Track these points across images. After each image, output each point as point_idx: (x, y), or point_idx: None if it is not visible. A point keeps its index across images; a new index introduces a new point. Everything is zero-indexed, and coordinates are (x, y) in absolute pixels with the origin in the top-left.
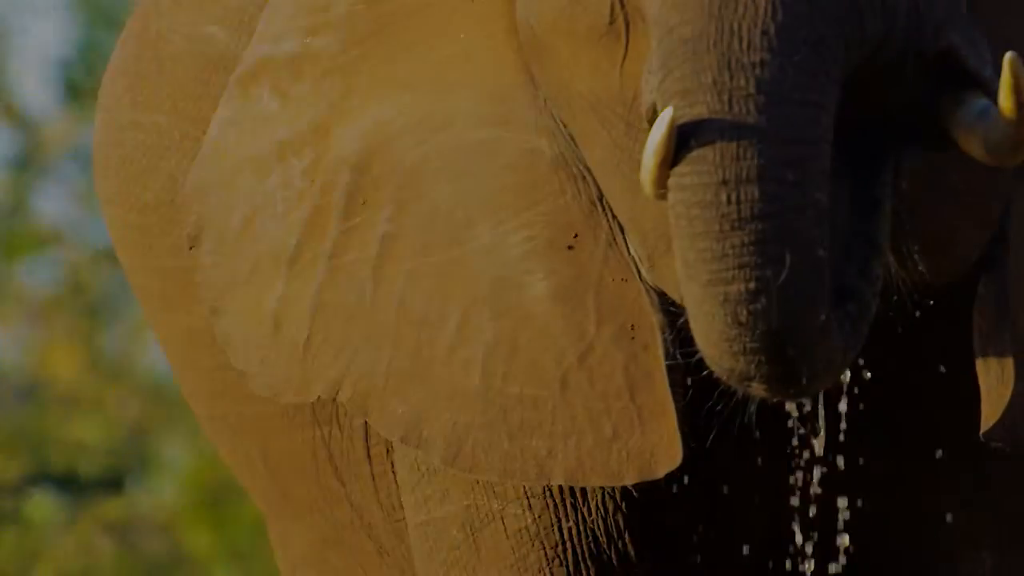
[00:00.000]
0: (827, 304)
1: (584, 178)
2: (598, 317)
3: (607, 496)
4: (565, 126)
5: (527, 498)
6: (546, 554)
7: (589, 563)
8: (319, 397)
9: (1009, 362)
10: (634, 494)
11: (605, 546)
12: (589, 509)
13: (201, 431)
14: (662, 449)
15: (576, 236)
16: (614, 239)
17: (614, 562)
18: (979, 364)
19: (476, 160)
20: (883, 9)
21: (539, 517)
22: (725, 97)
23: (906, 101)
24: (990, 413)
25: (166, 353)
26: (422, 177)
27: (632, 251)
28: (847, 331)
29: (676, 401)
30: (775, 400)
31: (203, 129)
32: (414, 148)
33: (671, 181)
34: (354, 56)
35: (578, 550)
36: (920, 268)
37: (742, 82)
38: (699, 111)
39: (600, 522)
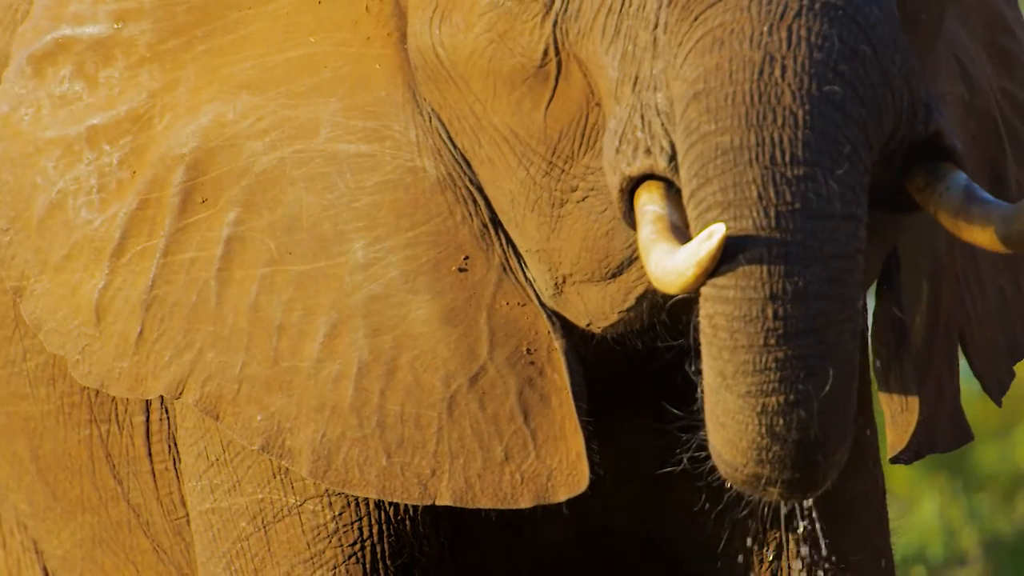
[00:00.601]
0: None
1: (475, 201)
2: (491, 340)
3: None
4: (459, 150)
5: (328, 496)
6: (343, 551)
7: (388, 562)
8: (98, 394)
9: (912, 389)
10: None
11: (409, 546)
12: (397, 509)
13: None
14: (562, 473)
15: (467, 259)
16: (507, 263)
17: (420, 562)
18: (882, 393)
19: (347, 174)
20: (893, 105)
21: (339, 515)
22: (771, 212)
23: (887, 178)
24: (897, 440)
25: None
26: (278, 184)
27: (529, 276)
28: None
29: (582, 425)
30: (784, 500)
31: None
32: (267, 153)
33: (709, 292)
34: (174, 46)
35: (378, 549)
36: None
37: (788, 197)
38: (744, 226)
39: (407, 522)
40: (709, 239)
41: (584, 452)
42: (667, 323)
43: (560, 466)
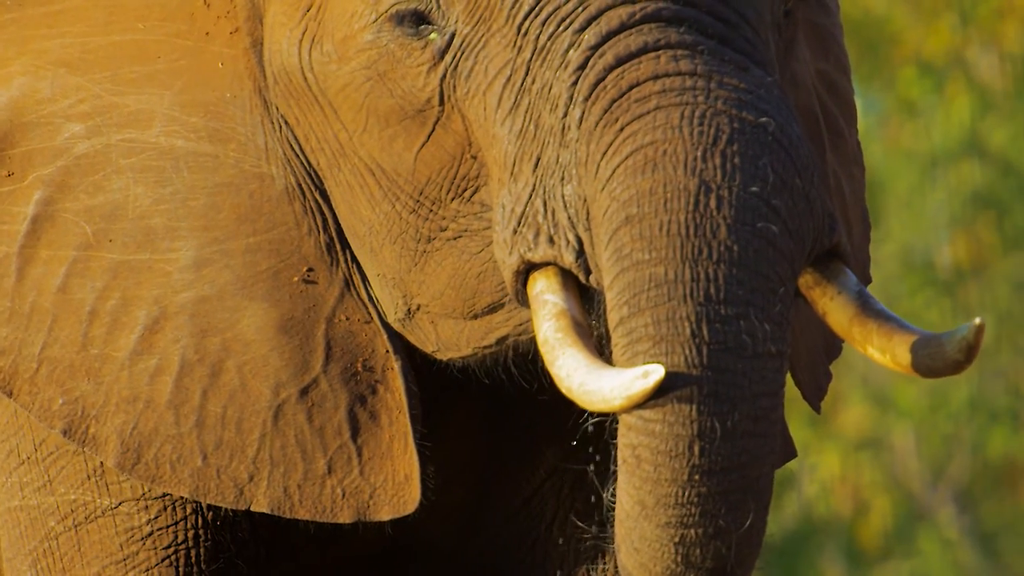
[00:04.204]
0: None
1: (323, 215)
2: (327, 354)
3: None
4: (312, 165)
5: (145, 499)
6: (156, 554)
7: (204, 567)
8: None
9: None
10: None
11: (227, 552)
12: (216, 514)
13: None
14: (386, 492)
15: (310, 271)
16: (351, 279)
17: (238, 567)
18: None
19: (184, 171)
20: (813, 228)
21: (155, 518)
22: (704, 351)
23: None
24: None
25: None
26: (101, 170)
27: (373, 296)
28: None
29: (417, 447)
30: None
31: None
32: (89, 138)
33: (634, 422)
34: None
35: (193, 554)
36: None
37: (721, 337)
38: (675, 362)
39: (225, 528)
40: (644, 378)
41: (416, 474)
42: (520, 363)
43: (385, 485)
